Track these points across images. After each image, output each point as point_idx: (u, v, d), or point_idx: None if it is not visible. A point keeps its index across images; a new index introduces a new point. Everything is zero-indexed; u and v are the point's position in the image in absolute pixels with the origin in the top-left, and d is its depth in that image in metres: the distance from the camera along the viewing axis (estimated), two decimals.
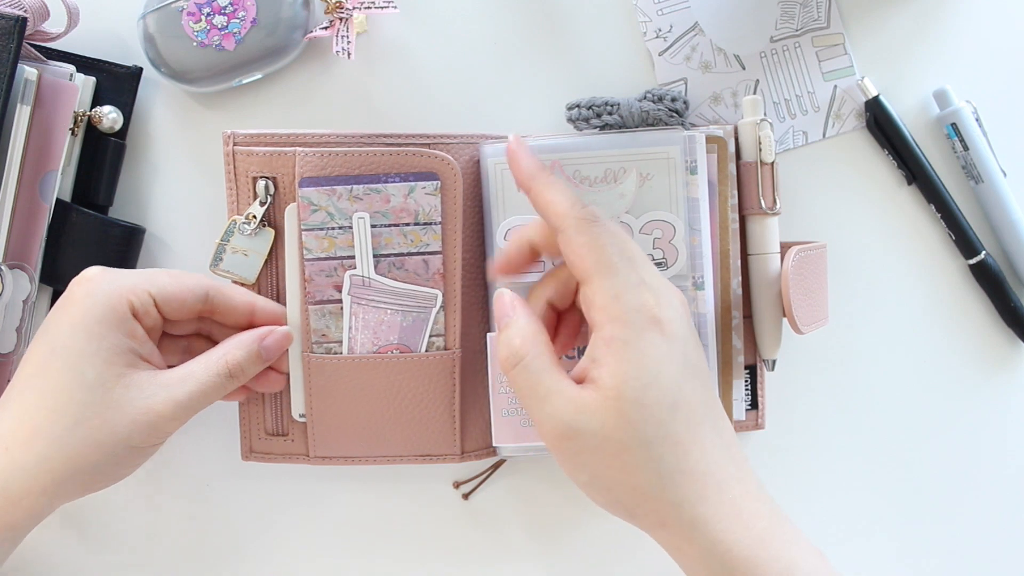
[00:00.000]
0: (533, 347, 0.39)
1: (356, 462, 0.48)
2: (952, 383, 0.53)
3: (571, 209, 0.39)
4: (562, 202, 0.39)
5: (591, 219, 0.39)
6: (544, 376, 0.38)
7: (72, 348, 0.39)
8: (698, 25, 0.51)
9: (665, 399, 0.37)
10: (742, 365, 0.49)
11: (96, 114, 0.47)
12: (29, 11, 0.44)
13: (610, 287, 0.38)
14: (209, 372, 0.42)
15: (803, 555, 0.37)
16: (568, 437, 0.37)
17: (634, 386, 0.36)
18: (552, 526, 0.52)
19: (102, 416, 0.39)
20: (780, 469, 0.53)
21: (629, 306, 0.37)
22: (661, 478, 0.36)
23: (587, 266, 0.38)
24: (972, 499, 0.54)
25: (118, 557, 0.51)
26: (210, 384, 0.41)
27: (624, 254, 0.39)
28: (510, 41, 0.51)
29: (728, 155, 0.48)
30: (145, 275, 0.42)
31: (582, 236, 0.38)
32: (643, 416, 0.36)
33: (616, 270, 0.38)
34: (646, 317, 0.37)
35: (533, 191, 0.41)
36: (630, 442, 0.36)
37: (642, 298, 0.38)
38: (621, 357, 0.37)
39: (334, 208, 0.45)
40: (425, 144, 0.46)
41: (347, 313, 0.46)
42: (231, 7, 0.46)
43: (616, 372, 0.37)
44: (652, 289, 0.38)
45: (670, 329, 0.38)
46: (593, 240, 0.38)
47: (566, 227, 0.39)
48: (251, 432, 0.48)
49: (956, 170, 0.53)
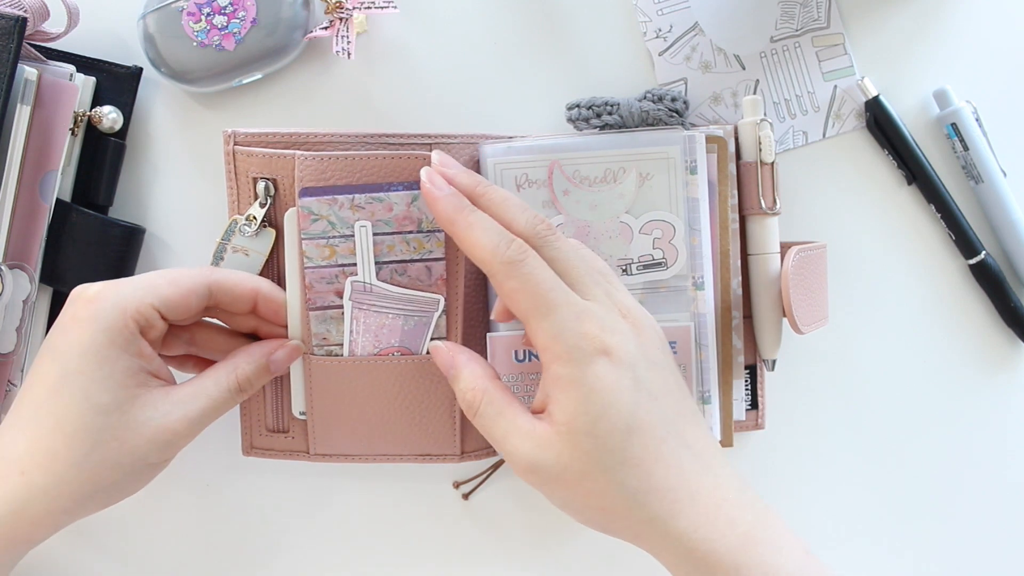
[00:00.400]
0: (483, 395, 0.40)
1: (356, 460, 0.48)
2: (952, 383, 0.53)
3: (495, 254, 0.39)
4: (485, 246, 0.39)
5: (517, 260, 0.38)
6: (500, 419, 0.39)
7: (84, 374, 0.39)
8: (698, 25, 0.51)
9: (617, 427, 0.37)
10: (742, 365, 0.49)
11: (96, 114, 0.47)
12: (29, 11, 0.44)
13: (548, 328, 0.38)
14: (220, 387, 0.42)
15: (788, 558, 0.38)
16: (531, 471, 0.38)
17: (584, 420, 0.37)
18: (552, 526, 0.52)
19: (119, 439, 0.39)
20: (780, 469, 0.53)
21: (569, 344, 0.37)
22: (627, 499, 0.37)
23: (522, 310, 0.38)
24: (972, 499, 0.54)
25: (119, 553, 0.51)
26: (221, 399, 0.42)
27: (559, 287, 0.38)
28: (510, 41, 0.51)
29: (728, 155, 0.48)
30: (146, 286, 0.41)
31: (511, 281, 0.38)
32: (597, 446, 0.37)
33: (551, 308, 0.38)
34: (590, 350, 0.37)
35: (455, 236, 0.40)
36: (589, 471, 0.37)
37: (583, 330, 0.37)
38: (569, 394, 0.37)
39: (335, 217, 0.45)
40: (425, 144, 0.46)
41: (348, 317, 0.46)
42: (231, 7, 0.46)
43: (566, 408, 0.37)
44: (595, 317, 0.38)
45: (618, 355, 0.38)
46: (523, 283, 0.38)
47: (494, 273, 0.39)
48: (252, 428, 0.48)
49: (956, 170, 0.53)
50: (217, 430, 0.49)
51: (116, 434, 0.39)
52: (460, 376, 0.41)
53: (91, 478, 0.39)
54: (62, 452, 0.38)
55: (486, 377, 0.41)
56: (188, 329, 0.46)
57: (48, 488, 0.38)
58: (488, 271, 0.39)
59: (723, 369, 0.49)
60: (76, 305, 0.40)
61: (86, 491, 0.39)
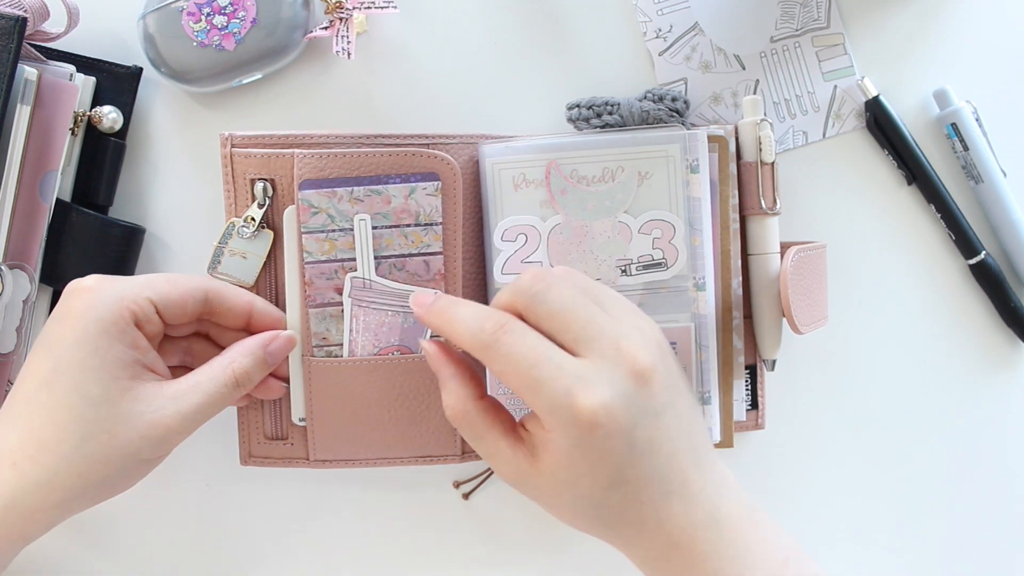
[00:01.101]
0: (462, 417, 0.40)
1: (356, 464, 0.48)
2: (952, 383, 0.53)
3: (473, 340, 0.38)
4: (463, 335, 0.39)
5: (491, 342, 0.38)
6: (480, 442, 0.40)
7: (76, 363, 0.38)
8: (698, 25, 0.51)
9: (600, 484, 0.37)
10: (742, 365, 0.49)
11: (96, 114, 0.47)
12: (29, 11, 0.44)
13: (539, 406, 0.37)
14: (216, 382, 0.41)
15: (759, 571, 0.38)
16: (513, 485, 0.40)
17: (566, 474, 0.37)
18: (552, 526, 0.52)
19: (110, 431, 0.38)
20: (780, 469, 0.53)
21: (562, 420, 0.36)
22: (600, 528, 0.39)
23: (513, 388, 0.38)
24: (972, 498, 0.54)
25: (117, 560, 0.51)
26: (217, 394, 0.41)
27: (544, 358, 0.37)
28: (510, 41, 0.51)
29: (729, 154, 0.48)
30: (144, 282, 0.41)
31: (494, 364, 0.38)
32: (576, 496, 0.38)
33: (538, 386, 0.36)
34: (584, 424, 0.36)
35: (436, 328, 0.41)
36: (566, 506, 0.39)
37: (574, 405, 0.36)
38: (557, 455, 0.37)
39: (335, 210, 0.45)
40: (424, 144, 0.46)
41: (348, 316, 0.46)
42: (231, 7, 0.46)
43: (551, 459, 0.38)
44: (589, 383, 0.36)
45: (614, 425, 0.36)
46: (504, 365, 0.37)
47: (479, 357, 0.39)
48: (250, 437, 0.48)
49: (956, 170, 0.53)
50: (217, 435, 0.50)
51: (106, 427, 0.38)
52: (443, 392, 0.41)
53: (82, 471, 0.38)
54: (53, 444, 0.38)
55: (468, 398, 0.40)
56: (184, 340, 0.46)
57: (39, 481, 0.38)
58: (473, 355, 0.39)
59: (723, 369, 0.48)
60: (71, 296, 0.40)
61: (77, 485, 0.38)
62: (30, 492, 0.38)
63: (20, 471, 0.38)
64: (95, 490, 0.40)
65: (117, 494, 0.41)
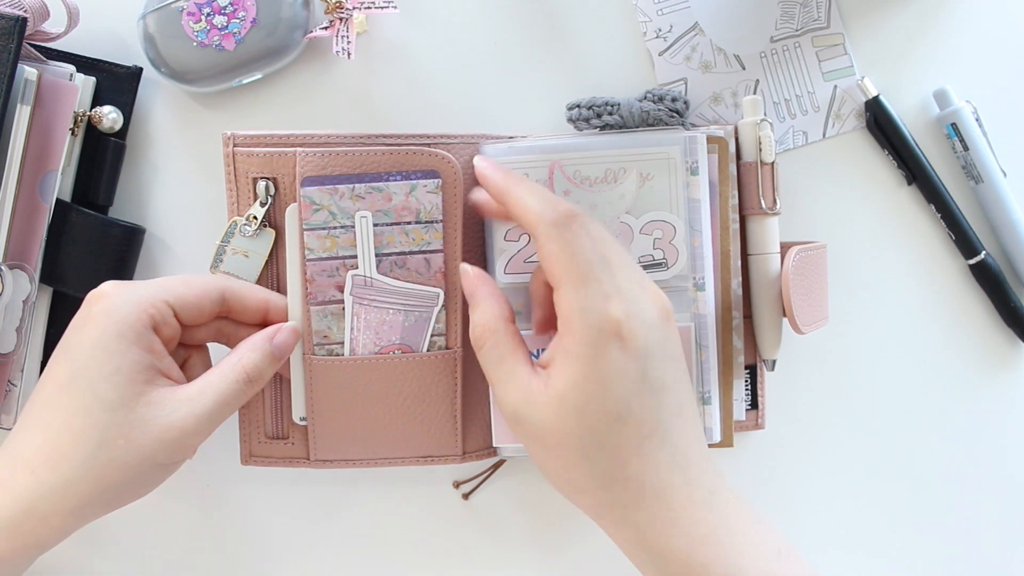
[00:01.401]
0: (491, 336, 0.40)
1: (357, 464, 0.48)
2: (952, 383, 0.53)
3: (544, 213, 0.39)
4: (535, 206, 0.39)
5: (565, 222, 0.38)
6: (501, 364, 0.40)
7: (92, 368, 0.38)
8: (698, 25, 0.51)
9: (607, 413, 0.37)
10: (742, 365, 0.49)
11: (96, 114, 0.47)
12: (29, 11, 0.44)
13: (575, 300, 0.37)
14: (227, 380, 0.41)
15: (752, 559, 0.38)
16: (516, 421, 0.39)
17: (577, 396, 0.37)
18: (552, 526, 0.52)
19: (126, 436, 0.38)
20: (780, 469, 0.53)
21: (590, 322, 0.37)
22: (594, 480, 0.38)
23: (557, 274, 0.38)
24: (972, 498, 0.54)
25: (118, 561, 0.51)
26: (230, 393, 0.41)
27: (602, 259, 0.38)
28: (510, 41, 0.51)
29: (729, 155, 0.48)
30: (159, 285, 0.41)
31: (553, 243, 0.38)
32: (580, 424, 0.37)
33: (584, 280, 0.38)
34: (609, 333, 0.37)
35: (507, 202, 0.41)
36: (567, 444, 0.38)
37: (608, 312, 0.37)
38: (572, 368, 0.37)
39: (336, 207, 0.45)
40: (425, 144, 0.46)
41: (349, 313, 0.46)
42: (231, 7, 0.46)
43: (565, 378, 0.37)
44: (625, 300, 0.38)
45: (633, 345, 0.37)
46: (564, 247, 0.38)
47: (538, 234, 0.39)
48: (251, 436, 0.48)
49: (956, 170, 0.53)
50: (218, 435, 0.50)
51: (123, 431, 0.38)
52: (476, 310, 0.42)
53: (98, 477, 0.38)
54: (69, 450, 0.38)
55: (500, 318, 0.41)
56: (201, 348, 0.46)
57: (55, 487, 0.38)
58: (533, 232, 0.39)
59: (723, 369, 0.49)
60: (90, 303, 0.40)
61: (94, 490, 0.39)
62: (46, 498, 0.38)
63: (38, 477, 0.38)
64: (111, 496, 0.40)
65: (133, 500, 0.41)
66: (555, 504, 0.52)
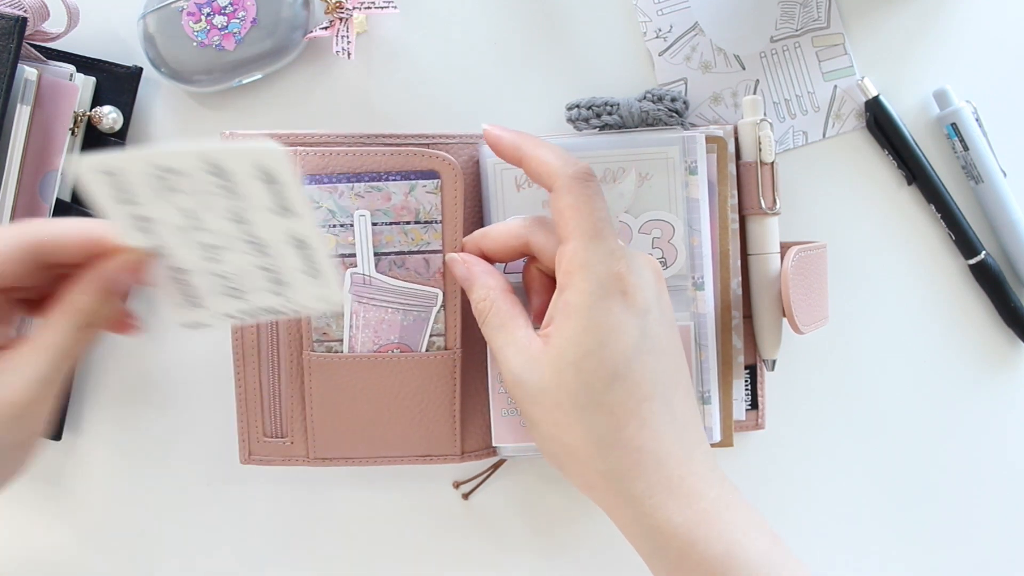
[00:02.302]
0: (491, 306, 0.41)
1: (356, 463, 0.48)
2: (952, 383, 0.53)
3: (564, 166, 0.39)
4: (553, 160, 0.39)
5: (584, 178, 0.39)
6: (501, 330, 0.40)
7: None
8: (698, 25, 0.51)
9: (604, 369, 0.37)
10: (742, 365, 0.49)
11: (96, 114, 0.47)
12: (29, 11, 0.44)
13: (584, 253, 0.38)
14: (61, 332, 0.35)
15: (751, 538, 0.37)
16: (516, 384, 0.39)
17: (575, 351, 0.37)
18: (552, 526, 0.52)
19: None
20: (780, 469, 0.53)
21: (595, 277, 0.37)
22: (590, 444, 0.37)
23: (568, 227, 0.38)
24: (972, 498, 0.54)
25: (118, 561, 0.51)
26: (66, 344, 0.35)
27: (610, 221, 0.39)
28: (510, 41, 0.51)
29: (728, 155, 0.48)
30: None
31: (571, 196, 0.38)
32: (578, 380, 0.37)
33: (596, 235, 0.38)
34: (612, 288, 0.37)
35: (524, 158, 0.41)
36: (563, 401, 0.37)
37: (614, 268, 0.37)
38: (571, 322, 0.37)
39: (335, 205, 0.45)
40: (424, 144, 0.46)
41: (348, 311, 0.46)
42: (231, 7, 0.46)
43: (564, 334, 0.37)
44: (630, 261, 0.38)
45: (636, 301, 0.38)
46: (578, 202, 0.38)
47: (557, 186, 0.39)
48: (249, 435, 0.48)
49: (956, 170, 0.53)
50: (217, 435, 0.50)
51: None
52: (474, 287, 0.42)
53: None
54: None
55: (498, 289, 0.41)
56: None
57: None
58: (551, 185, 0.39)
59: (723, 369, 0.49)
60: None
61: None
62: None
63: None
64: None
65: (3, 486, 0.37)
66: (555, 504, 0.52)
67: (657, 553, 0.37)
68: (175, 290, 0.37)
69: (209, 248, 0.36)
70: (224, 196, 0.34)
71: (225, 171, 0.33)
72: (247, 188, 0.34)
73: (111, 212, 0.35)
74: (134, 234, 0.35)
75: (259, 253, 0.36)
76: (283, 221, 0.35)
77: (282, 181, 0.33)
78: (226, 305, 0.38)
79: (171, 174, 0.33)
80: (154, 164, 0.33)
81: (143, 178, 0.33)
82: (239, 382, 0.47)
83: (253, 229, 0.35)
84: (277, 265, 0.36)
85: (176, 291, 0.37)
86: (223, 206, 0.34)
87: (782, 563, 0.37)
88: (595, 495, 0.39)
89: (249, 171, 0.33)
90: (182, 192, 0.34)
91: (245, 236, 0.35)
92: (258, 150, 0.33)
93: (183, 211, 0.34)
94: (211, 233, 0.35)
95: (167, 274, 0.37)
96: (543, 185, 0.40)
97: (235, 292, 0.37)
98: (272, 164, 0.33)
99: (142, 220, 0.35)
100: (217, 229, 0.35)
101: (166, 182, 0.33)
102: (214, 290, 0.37)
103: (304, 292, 0.37)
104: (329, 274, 0.37)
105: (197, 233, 0.35)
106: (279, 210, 0.34)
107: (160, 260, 0.36)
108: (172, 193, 0.34)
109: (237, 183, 0.34)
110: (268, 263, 0.36)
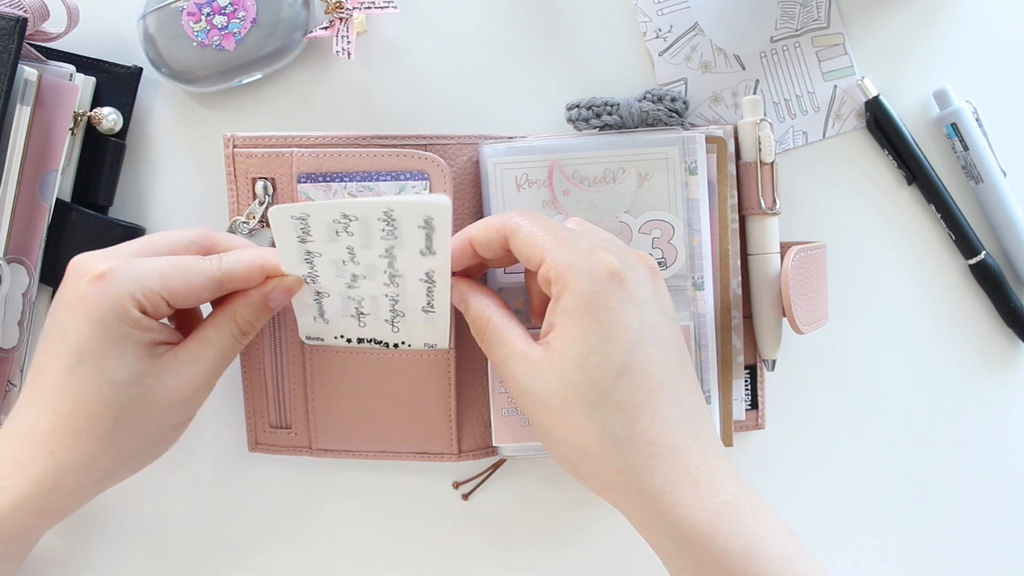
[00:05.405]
0: (487, 323, 0.41)
1: (357, 456, 0.48)
2: (952, 383, 0.53)
3: (491, 224, 0.40)
4: (481, 229, 0.40)
5: (516, 214, 0.40)
6: (501, 344, 0.40)
7: (98, 352, 0.38)
8: (698, 25, 0.51)
9: (610, 364, 0.36)
10: (742, 365, 0.49)
11: (96, 116, 0.47)
12: (29, 11, 0.44)
13: (563, 257, 0.38)
14: (223, 335, 0.42)
15: (769, 532, 0.37)
16: (522, 394, 0.39)
17: (578, 350, 0.37)
18: (552, 526, 0.52)
19: (140, 409, 0.39)
20: (780, 469, 0.53)
21: (585, 271, 0.37)
22: (604, 442, 0.36)
23: (537, 250, 0.38)
24: (972, 498, 0.54)
25: (126, 548, 0.51)
26: (226, 346, 0.42)
27: (568, 228, 0.39)
28: (510, 41, 0.51)
29: (728, 155, 0.48)
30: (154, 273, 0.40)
31: (519, 231, 0.39)
32: (584, 379, 0.37)
33: (565, 239, 0.38)
34: (604, 275, 0.37)
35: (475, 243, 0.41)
36: (572, 403, 0.37)
37: (599, 259, 0.38)
38: (572, 324, 0.37)
39: None
40: (422, 145, 0.46)
41: None
42: (231, 7, 0.46)
43: (564, 336, 0.37)
44: (612, 250, 0.38)
45: (631, 293, 0.38)
46: (530, 226, 0.39)
47: (508, 231, 0.39)
48: (256, 425, 0.49)
49: (956, 170, 0.53)
50: (221, 425, 0.50)
51: (136, 406, 0.39)
52: (468, 306, 0.42)
53: (118, 451, 0.40)
54: (86, 430, 0.39)
55: (492, 305, 0.41)
56: None
57: (76, 465, 0.39)
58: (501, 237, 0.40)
59: (723, 369, 0.49)
60: (82, 282, 0.39)
61: (115, 463, 0.40)
62: (69, 475, 0.39)
63: (58, 458, 0.39)
64: (134, 461, 0.42)
65: (151, 463, 0.43)
66: (555, 504, 0.52)
67: (678, 550, 0.37)
68: (313, 308, 0.44)
69: (354, 277, 0.41)
70: (386, 238, 0.39)
71: (396, 219, 0.38)
72: (408, 232, 0.38)
73: (290, 248, 0.40)
74: (299, 265, 0.41)
75: (393, 284, 0.41)
76: (424, 259, 0.40)
77: (438, 228, 0.38)
78: (347, 327, 0.44)
79: (350, 220, 0.38)
80: (340, 212, 0.38)
81: (325, 222, 0.39)
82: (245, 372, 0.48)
83: (396, 263, 0.40)
84: (404, 296, 0.42)
85: (314, 309, 0.44)
86: (382, 245, 0.39)
87: (800, 558, 0.37)
88: (612, 496, 0.38)
89: (416, 219, 0.38)
90: (352, 234, 0.39)
91: (388, 269, 0.41)
92: (431, 203, 0.37)
93: (347, 248, 0.40)
94: (361, 266, 0.41)
95: (311, 295, 0.43)
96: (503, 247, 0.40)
97: (361, 315, 0.44)
98: (436, 214, 0.37)
99: (310, 254, 0.40)
100: (367, 263, 0.40)
101: (342, 225, 0.39)
102: (345, 311, 0.43)
103: (416, 328, 0.44)
104: (443, 314, 0.43)
105: (350, 265, 0.41)
106: (425, 250, 0.39)
107: (311, 285, 0.42)
108: (344, 235, 0.39)
109: (402, 228, 0.38)
110: (397, 293, 0.42)
